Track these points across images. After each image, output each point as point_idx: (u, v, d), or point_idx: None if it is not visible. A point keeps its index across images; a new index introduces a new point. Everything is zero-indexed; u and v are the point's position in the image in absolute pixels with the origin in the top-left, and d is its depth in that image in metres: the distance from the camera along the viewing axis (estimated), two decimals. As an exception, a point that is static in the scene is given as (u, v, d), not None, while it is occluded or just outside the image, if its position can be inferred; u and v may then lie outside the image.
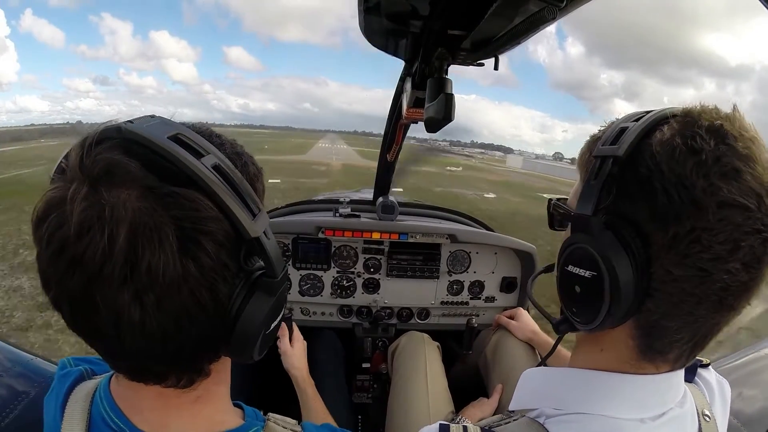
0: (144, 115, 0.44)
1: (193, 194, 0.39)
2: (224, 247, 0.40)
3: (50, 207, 0.38)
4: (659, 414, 0.51)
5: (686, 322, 0.46)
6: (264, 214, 0.44)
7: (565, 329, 0.55)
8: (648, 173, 0.44)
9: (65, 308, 0.40)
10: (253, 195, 0.43)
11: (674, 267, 0.43)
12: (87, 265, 0.36)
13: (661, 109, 0.49)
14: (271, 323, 0.47)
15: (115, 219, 0.36)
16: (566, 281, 0.51)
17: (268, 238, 0.43)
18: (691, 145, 0.43)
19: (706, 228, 0.41)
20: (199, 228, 0.39)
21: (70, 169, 0.38)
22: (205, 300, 0.40)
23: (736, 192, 0.41)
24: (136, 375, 0.45)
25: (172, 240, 0.37)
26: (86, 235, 0.36)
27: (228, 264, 0.41)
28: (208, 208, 0.39)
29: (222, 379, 0.52)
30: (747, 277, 0.43)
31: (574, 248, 0.50)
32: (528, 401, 0.59)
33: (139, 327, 0.38)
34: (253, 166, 0.53)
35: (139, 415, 0.47)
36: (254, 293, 0.43)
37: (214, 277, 0.40)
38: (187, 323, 0.40)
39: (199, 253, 0.39)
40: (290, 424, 0.56)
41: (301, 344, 1.20)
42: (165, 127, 0.41)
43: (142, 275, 0.37)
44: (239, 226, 0.41)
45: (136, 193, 0.37)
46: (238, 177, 0.43)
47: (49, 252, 0.37)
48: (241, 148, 0.53)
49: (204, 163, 0.40)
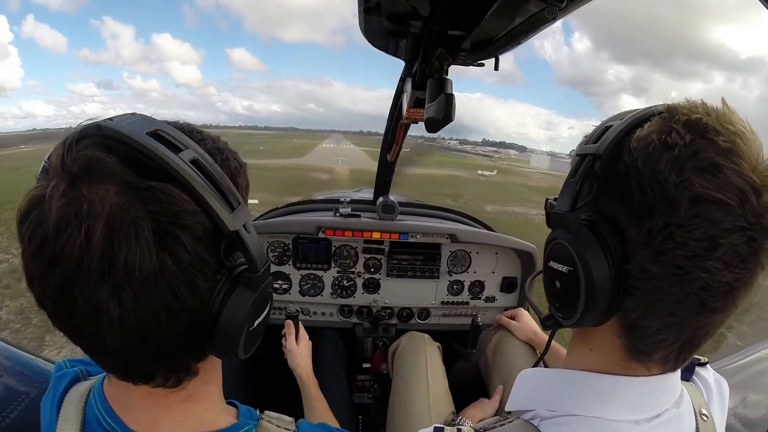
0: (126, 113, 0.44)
1: (169, 188, 0.39)
2: (202, 241, 0.40)
3: (32, 205, 0.38)
4: (654, 415, 0.50)
5: (667, 323, 0.45)
6: (244, 207, 0.44)
7: (551, 325, 0.56)
8: (625, 170, 0.44)
9: (48, 306, 0.40)
10: (232, 189, 0.43)
11: (650, 264, 0.43)
12: (66, 262, 0.36)
13: (648, 107, 0.48)
14: (254, 320, 0.46)
15: (92, 215, 0.36)
16: (548, 277, 0.53)
17: (248, 232, 0.43)
18: (665, 140, 0.42)
19: (679, 224, 0.41)
20: (175, 222, 0.39)
21: (52, 167, 0.39)
22: (183, 295, 0.40)
23: (711, 187, 0.40)
24: (124, 375, 0.45)
25: (148, 234, 0.37)
26: (64, 231, 0.36)
27: (206, 259, 0.41)
28: (185, 202, 0.39)
29: (212, 378, 0.52)
30: (730, 277, 0.41)
31: (553, 244, 0.51)
32: (523, 403, 0.58)
33: (118, 323, 0.38)
34: (234, 161, 0.52)
35: (130, 415, 0.47)
36: (235, 289, 0.43)
37: (193, 271, 0.40)
38: (167, 319, 0.40)
39: (176, 247, 0.39)
40: (285, 422, 0.55)
41: (306, 343, 1.20)
42: (144, 123, 0.41)
43: (119, 270, 0.37)
44: (217, 219, 0.40)
45: (114, 189, 0.37)
46: (217, 171, 0.43)
47: (31, 250, 0.38)
48: (223, 144, 0.53)
49: (182, 157, 0.40)
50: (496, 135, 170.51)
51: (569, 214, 0.48)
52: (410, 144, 1.46)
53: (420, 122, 0.82)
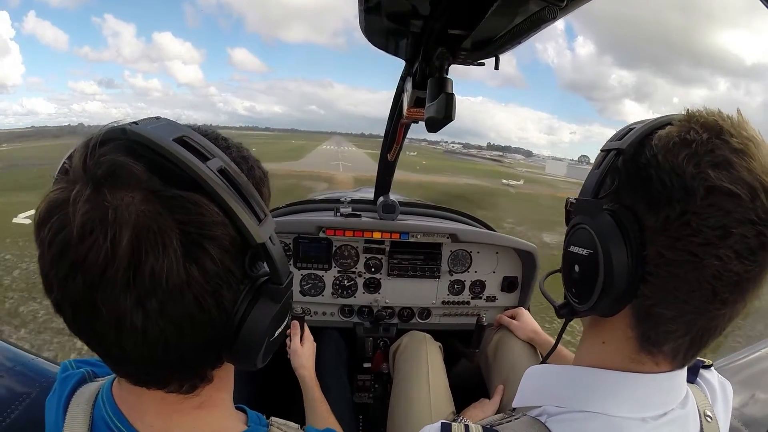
0: (149, 116, 0.43)
1: (198, 198, 0.38)
2: (229, 252, 0.40)
3: (53, 209, 0.37)
4: (661, 414, 0.51)
5: (680, 312, 0.46)
6: (270, 219, 0.44)
7: (566, 313, 0.57)
8: (646, 163, 0.48)
9: (67, 312, 0.39)
10: (258, 200, 0.43)
11: (666, 250, 0.45)
12: (89, 269, 0.36)
13: (669, 114, 0.52)
14: (275, 330, 0.46)
15: (118, 222, 0.35)
16: (568, 262, 0.54)
17: (274, 244, 0.43)
18: (684, 137, 0.46)
19: (695, 212, 0.43)
20: (204, 233, 0.38)
21: (74, 169, 0.38)
22: (208, 306, 0.39)
23: (725, 179, 0.43)
24: (138, 380, 0.44)
25: (176, 244, 0.37)
26: (89, 237, 0.35)
27: (233, 270, 0.41)
28: (213, 213, 0.39)
29: (225, 385, 0.51)
30: (740, 268, 0.43)
31: (576, 229, 0.53)
32: (531, 399, 0.59)
33: (141, 333, 0.38)
34: (258, 170, 0.52)
35: (141, 420, 0.47)
36: (259, 300, 0.43)
37: (219, 282, 0.40)
38: (190, 329, 0.39)
39: (203, 258, 0.38)
40: (293, 428, 0.55)
41: (310, 344, 1.21)
42: (170, 129, 0.40)
43: (145, 280, 0.36)
44: (245, 231, 0.40)
45: (140, 196, 0.36)
46: (243, 181, 0.42)
47: (51, 255, 0.37)
48: (247, 152, 0.52)
49: (210, 166, 0.39)
50: (497, 139, 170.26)
51: (592, 201, 0.51)
52: (416, 148, 1.42)
53: (420, 122, 0.82)
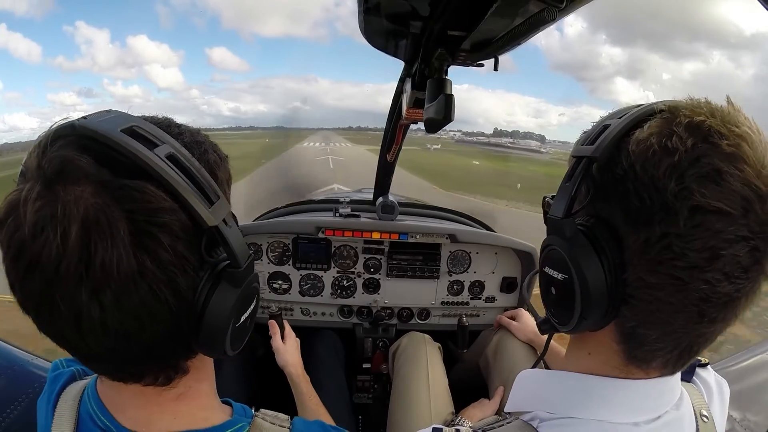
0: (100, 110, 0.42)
1: (144, 186, 0.38)
2: (181, 238, 0.39)
3: (8, 210, 0.37)
4: (654, 417, 0.50)
5: (665, 332, 0.44)
6: (224, 201, 0.43)
7: (547, 329, 0.56)
8: (623, 174, 0.43)
9: (31, 312, 0.39)
10: (212, 183, 0.42)
11: (647, 274, 0.41)
12: (44, 266, 0.36)
13: (650, 103, 0.46)
14: (240, 315, 0.46)
15: (67, 217, 0.35)
16: (544, 282, 0.51)
17: (229, 226, 0.42)
18: (665, 144, 0.40)
19: (678, 234, 0.39)
20: (152, 220, 0.38)
21: (28, 170, 0.38)
22: (165, 295, 0.39)
23: (713, 196, 0.38)
24: (113, 375, 0.45)
25: (124, 234, 0.36)
26: (40, 235, 0.35)
27: (187, 256, 0.40)
28: (161, 199, 0.38)
29: (204, 375, 0.51)
30: (731, 288, 0.40)
31: (548, 250, 0.49)
32: (523, 404, 0.58)
33: (100, 326, 0.38)
34: (213, 153, 0.51)
35: (123, 414, 0.47)
36: (219, 285, 0.42)
37: (173, 270, 0.39)
38: (149, 320, 0.39)
39: (154, 246, 0.38)
40: (280, 419, 0.55)
41: (293, 341, 1.21)
42: (119, 120, 0.40)
43: (97, 272, 0.36)
44: (195, 215, 0.39)
45: (90, 189, 0.36)
46: (195, 165, 0.42)
47: (9, 256, 0.37)
48: (203, 137, 0.51)
49: (157, 153, 0.39)
50: (485, 126, 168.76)
51: (564, 220, 0.46)
52: (433, 140, 1.28)
53: (420, 122, 0.82)
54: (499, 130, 59.07)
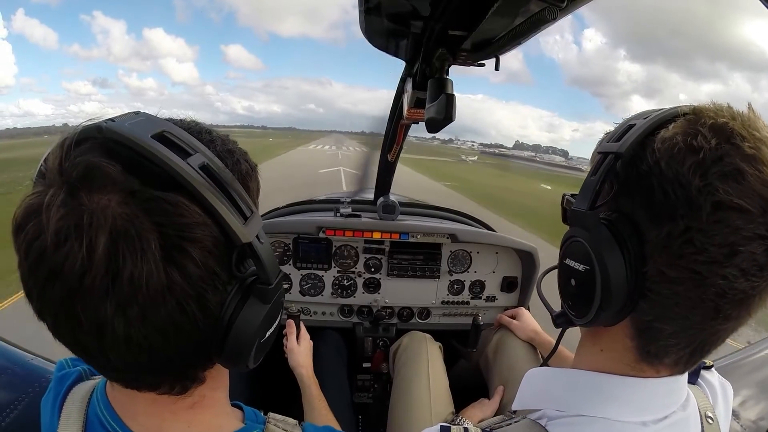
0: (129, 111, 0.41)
1: (177, 198, 0.36)
2: (213, 254, 0.38)
3: (28, 215, 0.35)
4: (662, 417, 0.50)
5: (681, 327, 0.45)
6: (257, 216, 0.42)
7: (562, 323, 0.56)
8: (647, 170, 0.44)
9: (48, 320, 0.38)
10: (244, 196, 0.41)
11: (667, 268, 0.43)
12: (66, 277, 0.34)
13: (674, 107, 0.48)
14: (266, 331, 0.45)
15: (94, 227, 0.34)
16: (563, 274, 0.52)
17: (261, 243, 0.41)
18: (691, 143, 0.42)
19: (700, 229, 0.40)
20: (184, 235, 0.36)
21: (49, 172, 0.36)
22: (193, 311, 0.38)
23: (735, 194, 0.39)
24: (127, 384, 0.44)
25: (155, 248, 0.35)
26: (64, 245, 0.34)
27: (217, 272, 0.39)
28: (194, 214, 0.37)
29: (218, 384, 0.50)
30: (746, 285, 0.41)
31: (571, 242, 0.51)
32: (531, 402, 0.58)
33: (123, 340, 0.37)
34: (245, 163, 0.49)
35: (134, 420, 0.46)
36: (247, 301, 0.41)
37: (203, 286, 0.38)
38: (175, 335, 0.38)
39: (184, 261, 0.37)
40: (290, 425, 0.55)
41: (307, 342, 1.20)
42: (149, 124, 0.38)
43: (125, 286, 0.35)
44: (229, 231, 0.38)
45: (117, 199, 0.35)
46: (228, 177, 0.40)
47: (28, 263, 0.36)
48: (233, 145, 0.50)
49: (190, 163, 0.37)
50: (497, 137, 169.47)
51: (588, 212, 0.48)
52: (445, 151, 1.24)
53: (420, 122, 0.82)
54: (520, 143, 57.22)
